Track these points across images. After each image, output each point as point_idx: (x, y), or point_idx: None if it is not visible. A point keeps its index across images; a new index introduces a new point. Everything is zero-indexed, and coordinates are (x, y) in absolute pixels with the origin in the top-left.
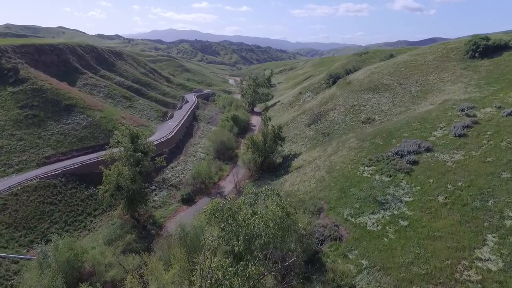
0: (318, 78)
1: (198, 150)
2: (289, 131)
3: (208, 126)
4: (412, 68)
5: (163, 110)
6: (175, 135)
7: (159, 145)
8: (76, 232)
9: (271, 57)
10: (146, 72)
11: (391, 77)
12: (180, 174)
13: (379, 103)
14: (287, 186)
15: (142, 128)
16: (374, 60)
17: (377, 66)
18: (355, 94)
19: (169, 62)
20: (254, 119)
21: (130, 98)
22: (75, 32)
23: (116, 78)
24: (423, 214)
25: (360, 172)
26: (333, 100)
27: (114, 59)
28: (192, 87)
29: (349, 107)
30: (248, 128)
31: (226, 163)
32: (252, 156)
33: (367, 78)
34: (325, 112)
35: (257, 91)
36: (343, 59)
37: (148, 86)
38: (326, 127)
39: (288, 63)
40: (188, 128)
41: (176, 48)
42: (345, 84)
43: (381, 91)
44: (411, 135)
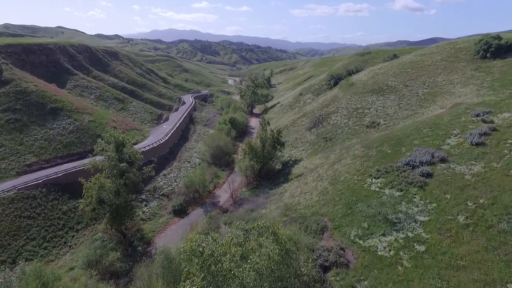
0: (318, 78)
1: (193, 155)
2: (289, 135)
3: (205, 129)
4: (419, 69)
5: (158, 113)
6: (169, 140)
7: (151, 151)
8: (56, 250)
9: (271, 57)
10: (142, 73)
11: (397, 79)
12: (172, 182)
13: (384, 106)
14: (286, 197)
15: (134, 132)
16: (377, 60)
17: (381, 66)
18: (358, 96)
19: (168, 62)
20: (253, 121)
21: (123, 100)
22: (75, 32)
23: (110, 79)
24: (442, 237)
25: (367, 185)
26: (335, 102)
27: (109, 59)
28: (190, 88)
29: (352, 110)
30: (247, 131)
31: (223, 170)
32: (250, 162)
33: (371, 80)
34: (327, 115)
35: (256, 92)
36: (345, 59)
37: (144, 87)
38: (328, 131)
39: (288, 63)
40: (183, 132)
41: (176, 48)
42: (347, 86)
43: (386, 93)
44: (422, 142)
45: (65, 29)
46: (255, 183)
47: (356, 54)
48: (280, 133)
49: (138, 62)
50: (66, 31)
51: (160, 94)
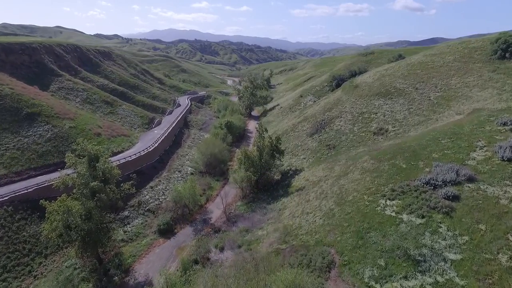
0: (320, 80)
1: (185, 163)
2: (289, 141)
3: (200, 133)
4: (430, 70)
5: (149, 116)
6: (159, 147)
7: (137, 161)
8: (17, 281)
9: (271, 57)
10: (136, 73)
11: (405, 81)
12: (160, 195)
13: (392, 110)
14: (286, 217)
15: (121, 139)
16: (381, 61)
17: (387, 67)
18: (363, 100)
19: (165, 62)
20: (251, 125)
21: (112, 103)
22: (73, 31)
23: (100, 81)
24: (482, 284)
25: (380, 207)
26: (338, 106)
27: (101, 59)
28: (187, 89)
29: (357, 115)
30: (244, 135)
31: (217, 180)
32: (246, 173)
33: (377, 82)
34: (330, 120)
35: (255, 94)
36: (347, 60)
37: (136, 89)
38: (332, 138)
39: (288, 63)
40: (176, 137)
41: (175, 48)
42: (351, 88)
43: (394, 97)
44: (442, 156)
45: (64, 29)
46: (252, 195)
47: (359, 54)
48: (279, 140)
49: (132, 62)
50: (64, 31)
51: (153, 96)
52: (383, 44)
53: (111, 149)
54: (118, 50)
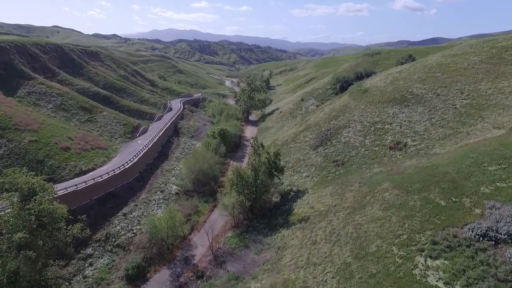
0: (322, 82)
1: (170, 180)
2: (290, 154)
3: (191, 142)
4: (452, 73)
5: (134, 124)
6: (139, 162)
7: (109, 182)
8: None
9: (271, 57)
10: (126, 75)
11: (424, 85)
12: (134, 224)
13: (410, 120)
14: (286, 265)
15: (96, 153)
16: (389, 61)
17: (400, 69)
18: (375, 107)
19: (161, 62)
20: (248, 131)
21: (91, 110)
22: (70, 31)
23: (81, 84)
24: None
25: (420, 271)
26: (345, 113)
27: (87, 60)
28: (180, 91)
29: (368, 125)
30: (240, 144)
31: (206, 201)
32: (238, 198)
33: (390, 86)
34: (336, 129)
35: (253, 97)
36: (352, 60)
37: (123, 92)
38: (339, 152)
39: (288, 64)
40: (163, 147)
41: (174, 47)
42: (360, 93)
43: (412, 104)
44: (496, 192)
45: (61, 28)
46: (245, 222)
47: (364, 54)
48: (278, 155)
49: (122, 63)
50: (62, 30)
51: (142, 100)
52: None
53: (80, 167)
54: (114, 50)
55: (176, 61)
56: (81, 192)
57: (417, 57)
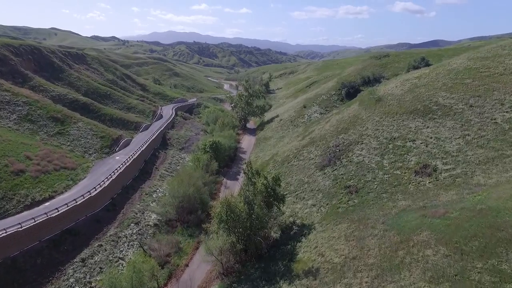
0: (326, 87)
1: (149, 207)
2: (291, 174)
3: (180, 155)
4: (485, 79)
5: (114, 136)
6: (111, 186)
7: (68, 214)
8: None
9: (271, 59)
10: (114, 79)
11: (451, 94)
12: (95, 273)
13: (438, 137)
14: None
15: (60, 174)
16: (398, 65)
17: (419, 75)
18: (392, 119)
19: (157, 65)
20: (245, 141)
21: (64, 120)
22: (68, 33)
23: (57, 90)
24: None
25: None
26: (356, 126)
27: (70, 63)
28: (174, 96)
29: (385, 141)
30: (236, 157)
31: (190, 235)
32: (228, 239)
33: (409, 94)
34: (346, 146)
35: (251, 103)
36: (357, 63)
37: (108, 99)
38: (352, 175)
39: (288, 66)
40: (146, 163)
41: (172, 50)
42: (372, 102)
43: (438, 117)
44: None
45: (59, 30)
46: (237, 266)
47: (371, 57)
48: (278, 180)
49: (111, 66)
50: (59, 32)
51: (129, 107)
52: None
53: (33, 195)
54: (110, 52)
55: (173, 64)
56: (26, 232)
57: (430, 60)
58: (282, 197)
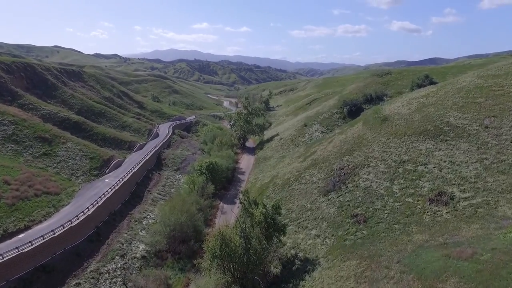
0: (327, 105)
1: (137, 236)
2: (293, 199)
3: (175, 176)
4: (500, 98)
5: (105, 156)
6: (97, 213)
7: (44, 248)
8: None
9: (271, 76)
10: (111, 97)
11: (464, 114)
12: None
13: (452, 161)
14: None
15: (41, 200)
16: (401, 82)
17: (426, 93)
18: (400, 141)
19: (156, 82)
20: (244, 161)
21: (52, 140)
22: (70, 51)
23: (48, 108)
24: None
25: None
26: (361, 147)
27: (65, 80)
28: (172, 114)
29: (394, 165)
30: (234, 178)
31: (181, 269)
32: (221, 277)
33: (417, 114)
34: (352, 169)
35: (250, 121)
36: (359, 81)
37: (102, 117)
38: (359, 202)
39: (288, 83)
40: (138, 186)
41: (173, 67)
42: (378, 121)
43: (451, 139)
44: None
45: (61, 48)
46: None
47: (373, 74)
48: (278, 208)
49: (108, 83)
50: (62, 50)
51: (123, 126)
52: (381, 64)
53: (6, 226)
54: (110, 69)
55: (172, 81)
56: None
57: (435, 78)
58: (283, 227)
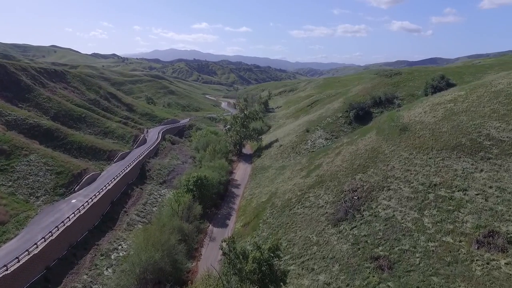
0: (331, 108)
1: (101, 276)
2: (295, 227)
3: (160, 191)
4: None
5: (75, 171)
6: (48, 250)
7: None
8: None
9: (270, 76)
10: (97, 99)
11: (509, 125)
12: None
13: (501, 187)
14: None
15: None
16: (413, 83)
17: (453, 98)
18: (427, 156)
19: (152, 83)
20: (239, 171)
21: (12, 152)
22: (68, 50)
23: (14, 114)
24: None
25: None
26: (377, 162)
27: (44, 81)
28: (164, 117)
29: (422, 189)
30: (228, 192)
31: None
32: None
33: (445, 123)
34: (367, 191)
35: (247, 126)
36: (365, 82)
37: (82, 122)
38: (379, 239)
39: (288, 84)
40: (114, 205)
41: (172, 67)
42: (395, 130)
43: (495, 156)
44: None
45: (58, 48)
46: None
47: (381, 75)
48: (277, 250)
49: (95, 84)
50: (59, 50)
51: (106, 132)
52: (381, 64)
53: None
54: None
55: (169, 82)
56: None
57: (451, 79)
58: (283, 275)
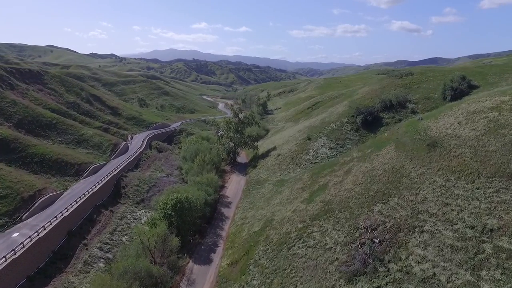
0: (334, 112)
1: None
2: (294, 277)
3: (135, 214)
4: None
5: (25, 193)
6: None
7: None
8: None
9: (270, 76)
10: (77, 102)
11: None
12: None
13: None
14: None
15: None
16: (428, 85)
17: (497, 105)
18: (470, 185)
19: (145, 83)
20: (232, 184)
21: None
22: (65, 50)
23: None
24: None
25: None
26: (401, 189)
27: (14, 83)
28: (153, 121)
29: (472, 234)
30: (216, 213)
31: None
32: None
33: (492, 139)
34: (392, 232)
35: (242, 132)
36: (373, 83)
37: (52, 129)
38: None
39: (287, 84)
40: (71, 236)
41: (170, 67)
42: (421, 146)
43: None
44: None
45: (55, 47)
46: None
47: (390, 75)
48: None
49: (76, 86)
50: (55, 50)
51: (80, 140)
52: (382, 64)
53: None
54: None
55: (164, 82)
56: None
57: (473, 81)
58: None
